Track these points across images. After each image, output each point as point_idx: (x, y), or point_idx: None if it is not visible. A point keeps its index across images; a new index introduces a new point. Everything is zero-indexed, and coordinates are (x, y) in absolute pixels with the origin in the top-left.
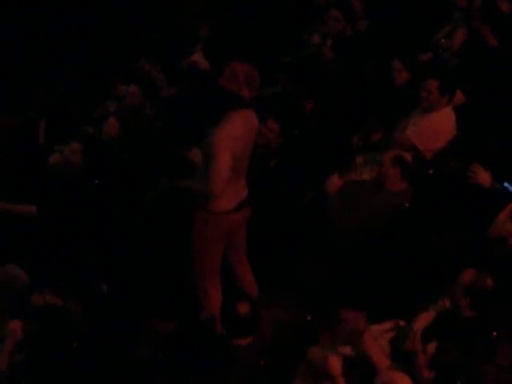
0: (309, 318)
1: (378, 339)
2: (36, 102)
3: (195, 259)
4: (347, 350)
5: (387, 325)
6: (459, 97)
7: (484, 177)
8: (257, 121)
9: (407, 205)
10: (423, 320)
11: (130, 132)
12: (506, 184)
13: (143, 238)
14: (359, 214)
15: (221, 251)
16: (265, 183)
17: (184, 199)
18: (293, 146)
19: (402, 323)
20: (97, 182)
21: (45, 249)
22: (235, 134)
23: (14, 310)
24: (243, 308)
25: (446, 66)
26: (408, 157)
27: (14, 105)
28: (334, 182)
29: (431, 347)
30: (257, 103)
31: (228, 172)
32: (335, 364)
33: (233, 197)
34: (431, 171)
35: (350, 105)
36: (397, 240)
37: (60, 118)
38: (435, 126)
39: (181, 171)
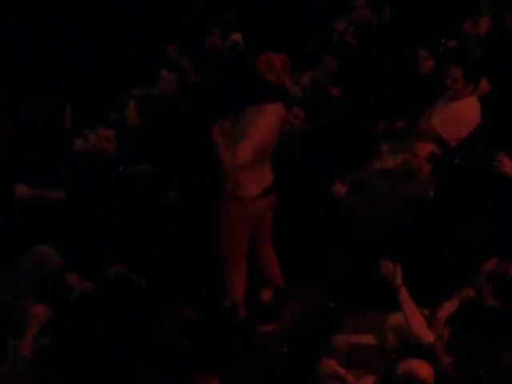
0: (332, 306)
1: (402, 328)
2: (63, 87)
3: (221, 245)
4: (370, 338)
5: None
6: (484, 85)
7: (509, 166)
8: (284, 111)
9: (432, 193)
10: (447, 309)
11: (162, 119)
12: None
13: (169, 225)
14: (386, 203)
15: (246, 238)
16: (288, 170)
17: (210, 186)
18: (318, 134)
19: (426, 312)
20: (121, 168)
21: (70, 233)
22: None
23: (40, 292)
24: (267, 295)
25: (471, 54)
26: (440, 152)
27: (42, 89)
28: (338, 188)
29: (446, 332)
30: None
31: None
32: (331, 365)
33: (258, 183)
34: (456, 160)
35: (375, 92)
36: (422, 229)
37: (86, 103)
38: (460, 115)
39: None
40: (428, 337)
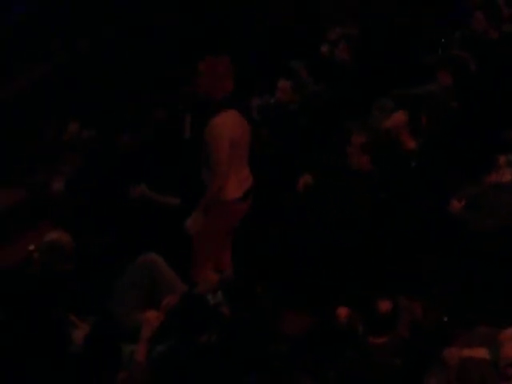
0: (445, 319)
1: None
2: (184, 96)
3: (199, 249)
4: (483, 352)
5: None
6: None
7: None
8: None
9: None
10: None
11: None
12: None
13: None
14: (502, 217)
15: (224, 240)
16: (404, 184)
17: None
18: (435, 146)
19: None
20: None
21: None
22: (231, 121)
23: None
24: (384, 306)
25: None
26: None
27: (164, 98)
28: (455, 205)
29: None
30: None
31: (228, 158)
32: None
33: (238, 185)
34: None
35: (493, 104)
36: None
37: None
38: None
39: None
40: None
